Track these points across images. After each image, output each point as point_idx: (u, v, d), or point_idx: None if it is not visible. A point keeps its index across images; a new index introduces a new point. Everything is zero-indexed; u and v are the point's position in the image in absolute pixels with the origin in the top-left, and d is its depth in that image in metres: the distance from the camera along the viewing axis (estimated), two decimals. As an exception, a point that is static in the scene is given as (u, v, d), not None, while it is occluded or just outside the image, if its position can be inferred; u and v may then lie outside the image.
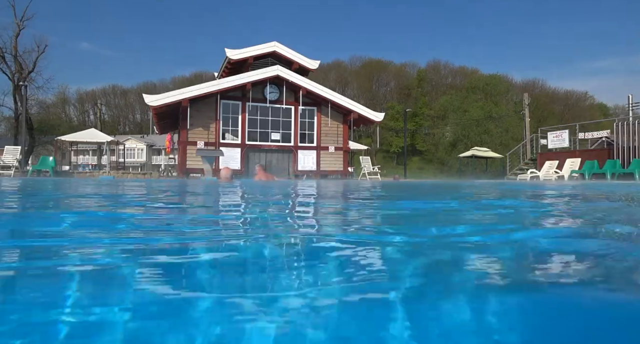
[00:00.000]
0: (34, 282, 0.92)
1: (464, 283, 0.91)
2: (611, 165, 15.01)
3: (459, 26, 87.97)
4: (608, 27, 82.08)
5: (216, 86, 16.32)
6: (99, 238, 1.54)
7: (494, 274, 1.01)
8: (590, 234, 1.77)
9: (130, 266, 1.04)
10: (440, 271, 1.06)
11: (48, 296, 0.79)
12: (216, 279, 0.96)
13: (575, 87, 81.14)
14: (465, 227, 1.90)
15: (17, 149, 15.67)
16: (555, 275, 1.02)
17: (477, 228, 1.98)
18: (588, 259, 1.21)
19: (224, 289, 0.85)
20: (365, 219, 2.50)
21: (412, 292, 0.82)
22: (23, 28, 27.53)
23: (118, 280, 0.92)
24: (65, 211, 2.80)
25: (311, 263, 1.14)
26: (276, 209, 2.98)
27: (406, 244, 1.42)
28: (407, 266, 1.09)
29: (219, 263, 1.12)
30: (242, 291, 0.83)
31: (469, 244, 1.47)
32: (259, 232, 1.73)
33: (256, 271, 1.04)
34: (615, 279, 0.99)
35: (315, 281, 0.92)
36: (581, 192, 5.99)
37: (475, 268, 1.08)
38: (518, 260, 1.21)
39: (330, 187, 7.27)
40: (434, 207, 3.45)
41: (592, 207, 3.42)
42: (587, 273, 1.05)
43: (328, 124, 18.44)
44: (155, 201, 3.85)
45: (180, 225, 2.05)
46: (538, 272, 1.05)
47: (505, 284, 0.91)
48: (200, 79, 48.05)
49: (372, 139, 48.20)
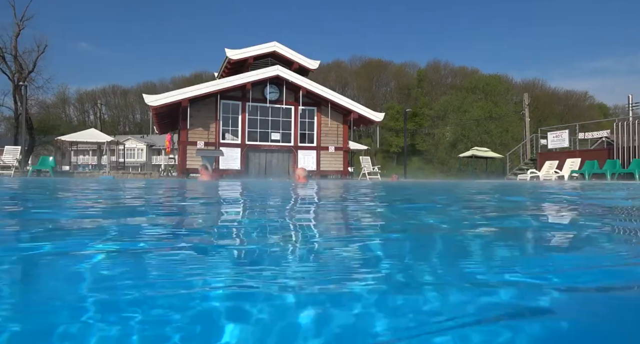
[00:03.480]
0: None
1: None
2: (611, 165, 15.01)
3: (459, 26, 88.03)
4: (608, 27, 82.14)
5: (216, 86, 16.32)
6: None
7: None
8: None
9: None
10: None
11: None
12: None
13: (575, 87, 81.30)
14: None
15: (17, 149, 15.66)
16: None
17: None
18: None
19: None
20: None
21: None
22: (23, 28, 27.55)
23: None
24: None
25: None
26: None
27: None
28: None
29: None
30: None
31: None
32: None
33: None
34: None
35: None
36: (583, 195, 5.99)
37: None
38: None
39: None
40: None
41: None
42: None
43: (328, 124, 18.44)
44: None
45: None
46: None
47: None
48: (200, 79, 48.05)
49: (372, 139, 48.14)
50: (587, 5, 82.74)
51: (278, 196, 4.83)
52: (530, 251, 1.44)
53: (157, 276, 0.98)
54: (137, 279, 0.95)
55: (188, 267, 1.08)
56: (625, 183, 10.21)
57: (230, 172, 16.61)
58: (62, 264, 1.13)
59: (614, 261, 1.22)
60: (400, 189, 6.98)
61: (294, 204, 3.65)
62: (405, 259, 1.25)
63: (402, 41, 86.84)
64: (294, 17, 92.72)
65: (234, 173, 16.70)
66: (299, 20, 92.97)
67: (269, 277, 0.96)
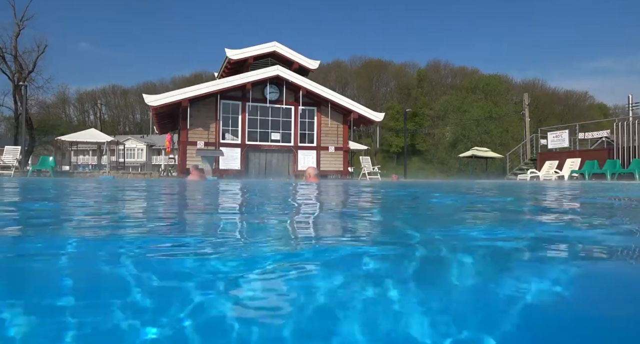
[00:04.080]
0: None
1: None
2: (611, 165, 15.01)
3: (459, 26, 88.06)
4: (608, 27, 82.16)
5: (216, 86, 16.32)
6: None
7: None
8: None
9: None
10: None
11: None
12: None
13: (575, 87, 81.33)
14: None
15: (17, 149, 15.66)
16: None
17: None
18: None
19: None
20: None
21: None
22: (23, 28, 27.56)
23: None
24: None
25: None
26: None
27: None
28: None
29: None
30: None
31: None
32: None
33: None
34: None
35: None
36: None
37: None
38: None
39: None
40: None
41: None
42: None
43: (328, 124, 18.44)
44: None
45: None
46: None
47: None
48: (200, 79, 48.06)
49: (372, 139, 48.13)
50: (587, 5, 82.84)
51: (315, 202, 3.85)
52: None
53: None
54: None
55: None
56: (627, 183, 10.20)
57: (230, 172, 16.61)
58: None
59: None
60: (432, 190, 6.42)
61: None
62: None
63: (402, 41, 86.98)
64: (294, 17, 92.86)
65: (234, 173, 16.70)
66: (299, 20, 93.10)
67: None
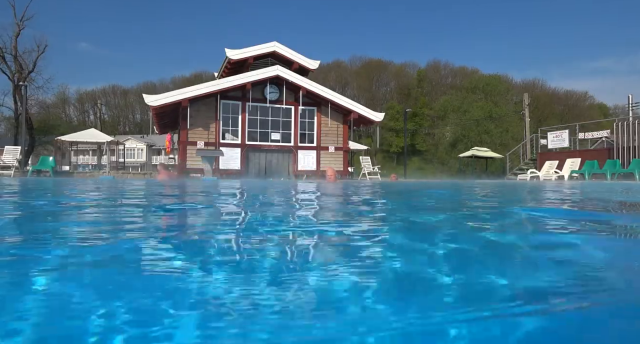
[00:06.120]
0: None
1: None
2: (611, 165, 15.01)
3: (459, 26, 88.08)
4: (608, 27, 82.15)
5: (216, 86, 16.32)
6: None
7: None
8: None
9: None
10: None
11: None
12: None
13: (575, 87, 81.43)
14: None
15: (17, 149, 15.65)
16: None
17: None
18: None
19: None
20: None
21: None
22: (23, 28, 27.54)
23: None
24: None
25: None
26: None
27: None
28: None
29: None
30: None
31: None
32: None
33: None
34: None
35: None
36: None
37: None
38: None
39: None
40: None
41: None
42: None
43: (328, 124, 18.43)
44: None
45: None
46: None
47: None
48: (200, 79, 48.05)
49: (372, 139, 48.11)
50: (587, 5, 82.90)
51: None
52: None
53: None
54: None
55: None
56: (627, 183, 10.20)
57: (230, 172, 16.61)
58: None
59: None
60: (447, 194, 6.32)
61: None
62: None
63: (402, 41, 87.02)
64: (294, 17, 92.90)
65: (233, 173, 16.70)
66: (299, 20, 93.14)
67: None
